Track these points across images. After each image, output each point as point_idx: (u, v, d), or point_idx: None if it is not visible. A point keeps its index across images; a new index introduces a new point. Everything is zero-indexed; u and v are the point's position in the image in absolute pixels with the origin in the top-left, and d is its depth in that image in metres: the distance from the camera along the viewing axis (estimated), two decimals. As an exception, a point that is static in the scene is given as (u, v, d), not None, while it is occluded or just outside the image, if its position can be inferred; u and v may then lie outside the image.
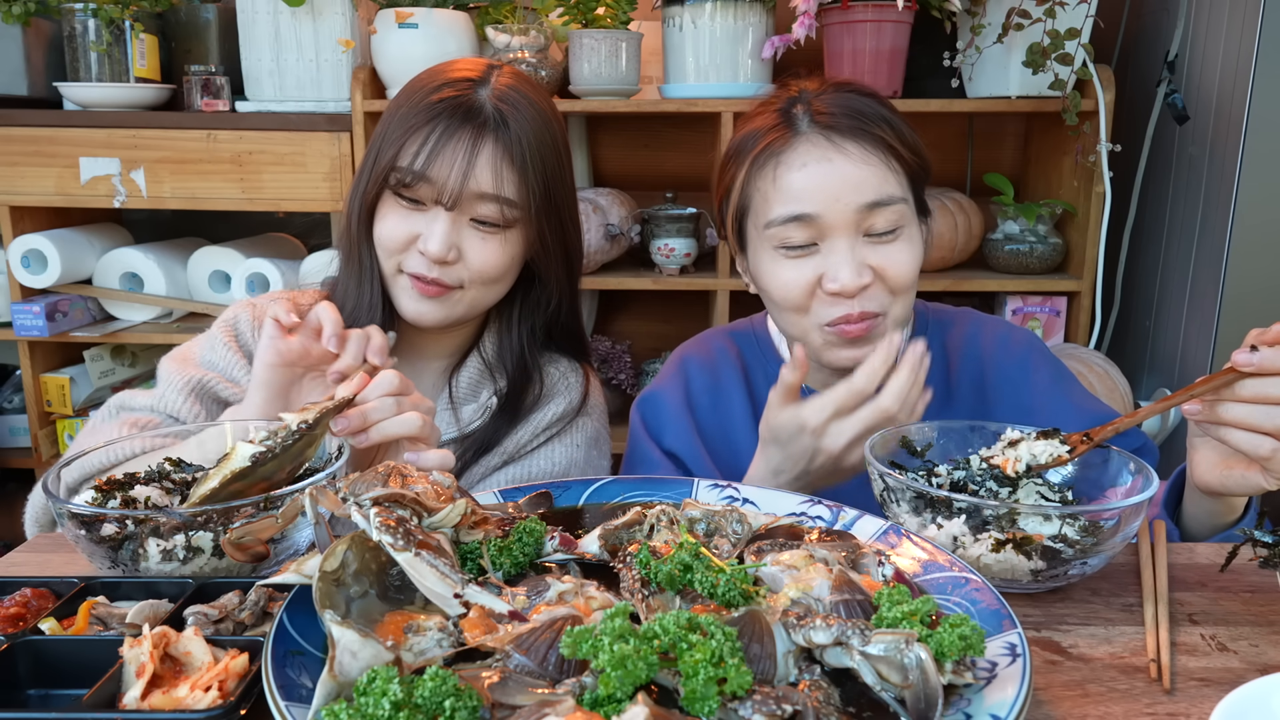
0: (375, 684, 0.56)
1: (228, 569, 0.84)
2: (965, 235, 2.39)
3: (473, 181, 1.13)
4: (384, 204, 1.18)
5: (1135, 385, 2.47)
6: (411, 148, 1.13)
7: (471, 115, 1.13)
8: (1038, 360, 1.25)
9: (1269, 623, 0.82)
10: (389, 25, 2.26)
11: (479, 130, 1.13)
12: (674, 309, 2.83)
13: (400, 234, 1.16)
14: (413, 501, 0.74)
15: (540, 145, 1.16)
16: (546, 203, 1.18)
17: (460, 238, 1.16)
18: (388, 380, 0.97)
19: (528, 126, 1.15)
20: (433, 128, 1.12)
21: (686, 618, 0.61)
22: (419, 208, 1.16)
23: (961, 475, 1.00)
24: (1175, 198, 2.35)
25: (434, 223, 1.14)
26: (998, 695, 0.62)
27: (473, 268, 1.17)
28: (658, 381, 1.34)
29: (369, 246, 1.20)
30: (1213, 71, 2.16)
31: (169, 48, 2.49)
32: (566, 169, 1.22)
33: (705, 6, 2.23)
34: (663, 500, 0.92)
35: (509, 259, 1.19)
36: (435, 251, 1.14)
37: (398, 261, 1.18)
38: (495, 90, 1.16)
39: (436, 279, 1.16)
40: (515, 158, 1.14)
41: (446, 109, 1.13)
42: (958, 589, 0.76)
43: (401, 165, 1.13)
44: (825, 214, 1.09)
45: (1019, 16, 2.09)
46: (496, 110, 1.14)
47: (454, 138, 1.12)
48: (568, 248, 1.25)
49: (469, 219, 1.16)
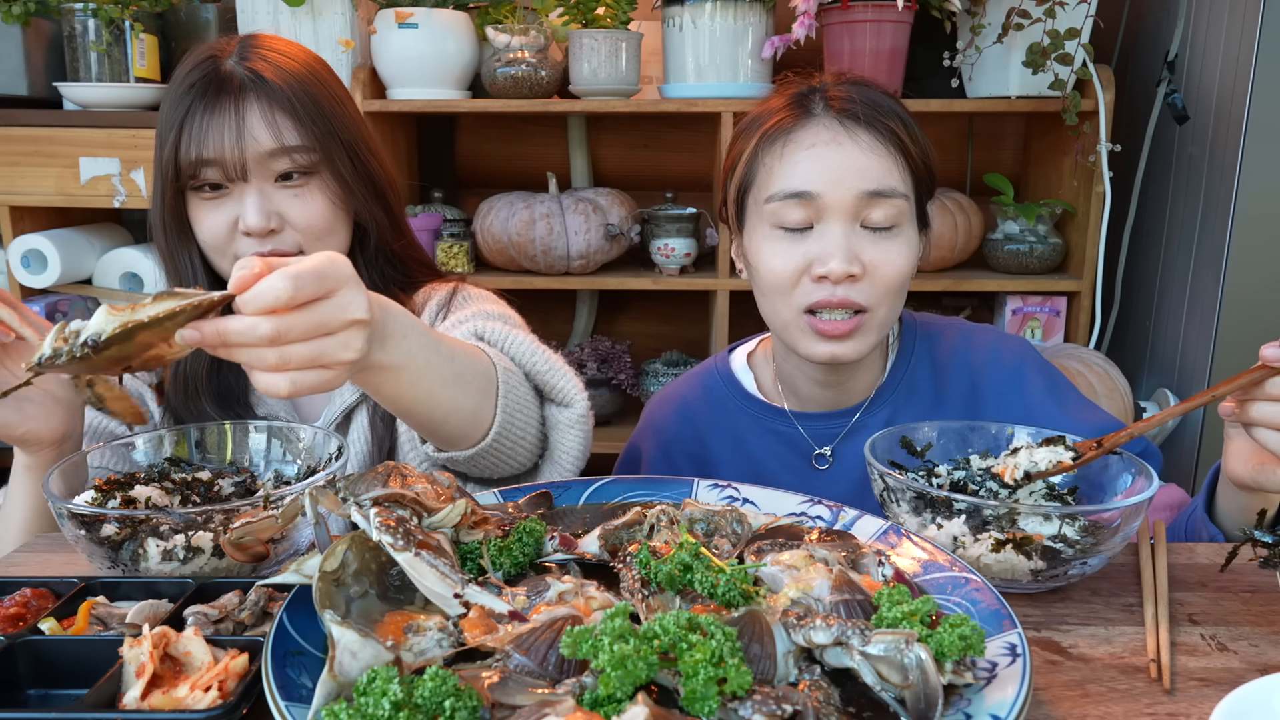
0: (375, 684, 0.56)
1: (228, 569, 0.84)
2: (965, 235, 2.39)
3: (251, 143, 1.12)
4: (191, 209, 1.17)
5: (1135, 385, 2.47)
6: (184, 140, 1.12)
7: (224, 84, 1.13)
8: (1030, 370, 1.22)
9: (1269, 623, 0.82)
10: (389, 25, 2.27)
11: (238, 95, 1.12)
12: (674, 309, 2.83)
13: (219, 227, 1.15)
14: (413, 501, 0.74)
15: (303, 84, 1.15)
16: (332, 138, 1.16)
17: (275, 204, 1.15)
18: (271, 293, 0.68)
19: (285, 73, 1.15)
20: (193, 112, 1.12)
21: (686, 618, 0.61)
22: (221, 194, 1.15)
23: (961, 475, 1.00)
24: (1175, 198, 2.35)
25: (243, 199, 1.14)
26: (998, 695, 0.62)
27: (299, 226, 1.16)
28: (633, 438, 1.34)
29: (187, 255, 1.19)
30: (1213, 71, 2.17)
31: (169, 48, 2.48)
32: (344, 102, 1.21)
33: (705, 6, 2.23)
34: (663, 500, 0.92)
35: (328, 206, 1.18)
36: (255, 223, 1.13)
37: (231, 255, 1.17)
38: (240, 55, 1.16)
39: (272, 250, 1.15)
40: (284, 104, 1.13)
41: (199, 89, 1.12)
42: (958, 589, 0.76)
43: (182, 161, 1.12)
44: (826, 195, 1.09)
45: (1019, 16, 2.09)
46: (248, 70, 1.14)
47: (216, 111, 1.12)
48: (374, 178, 1.22)
49: (272, 183, 1.15)
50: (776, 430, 1.26)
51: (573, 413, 1.06)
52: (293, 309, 0.69)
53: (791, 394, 1.26)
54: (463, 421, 0.94)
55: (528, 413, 1.01)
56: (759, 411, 1.27)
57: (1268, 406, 0.86)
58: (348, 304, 0.71)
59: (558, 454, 1.06)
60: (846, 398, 1.24)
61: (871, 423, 1.21)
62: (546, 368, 1.05)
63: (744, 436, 1.27)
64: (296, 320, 0.69)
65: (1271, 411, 0.86)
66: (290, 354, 0.69)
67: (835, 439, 1.24)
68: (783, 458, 1.25)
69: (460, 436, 0.96)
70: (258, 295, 0.68)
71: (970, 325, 1.30)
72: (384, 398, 0.86)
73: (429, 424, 0.92)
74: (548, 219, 2.33)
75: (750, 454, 1.26)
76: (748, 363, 1.32)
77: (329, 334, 0.71)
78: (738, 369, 1.32)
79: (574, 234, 2.34)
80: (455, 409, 0.92)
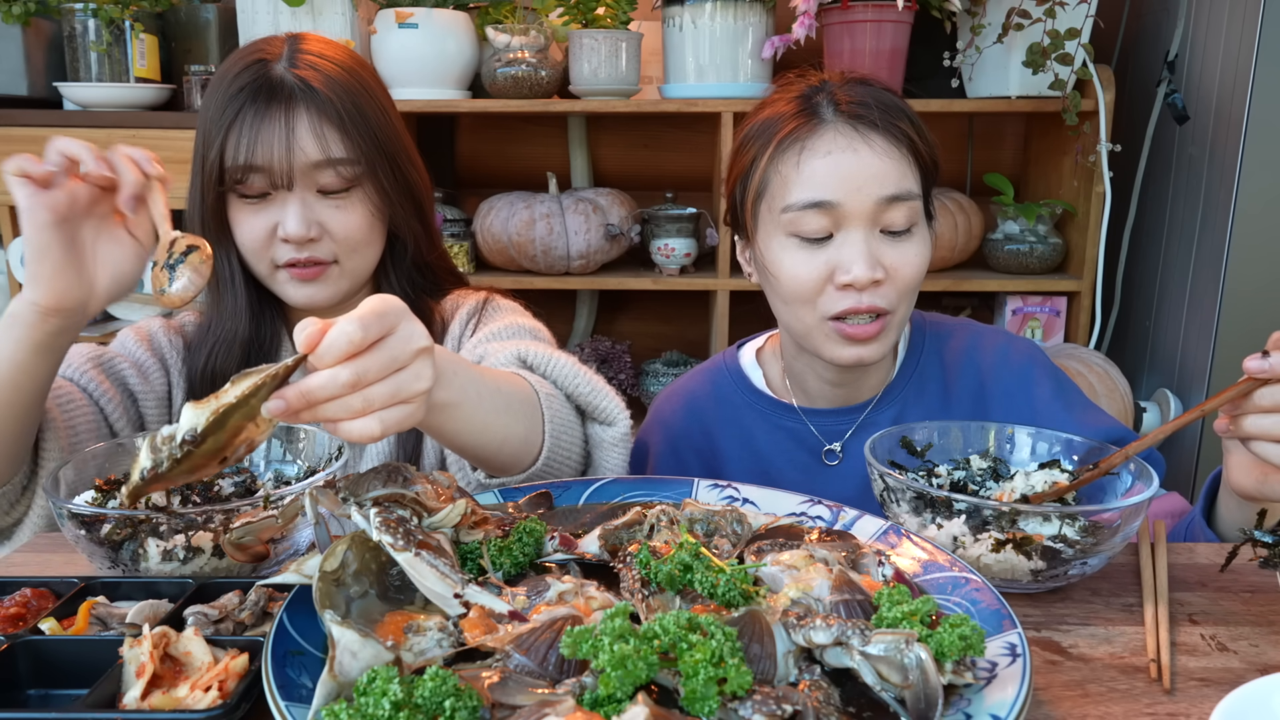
0: (375, 684, 0.56)
1: (228, 569, 0.84)
2: (965, 235, 2.39)
3: (299, 154, 1.12)
4: (231, 210, 1.17)
5: (1135, 385, 2.47)
6: (231, 144, 1.12)
7: (275, 92, 1.12)
8: (1039, 374, 1.22)
9: (1269, 623, 0.82)
10: (389, 25, 2.27)
11: (288, 103, 1.12)
12: (674, 309, 2.83)
13: (259, 232, 1.16)
14: (413, 501, 0.74)
15: (353, 96, 1.15)
16: (377, 151, 1.17)
17: (316, 213, 1.15)
18: (344, 338, 0.69)
19: (334, 83, 1.14)
20: (243, 118, 1.12)
21: (686, 618, 0.61)
22: (264, 200, 1.15)
23: (961, 475, 1.00)
24: (1175, 198, 2.35)
25: (285, 207, 1.14)
26: (998, 695, 0.62)
27: (338, 237, 1.17)
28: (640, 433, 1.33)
29: (224, 254, 1.19)
30: (1213, 71, 2.17)
31: (169, 48, 2.49)
32: (389, 112, 1.21)
33: (705, 6, 2.23)
34: (663, 500, 0.92)
35: (368, 218, 1.18)
36: (295, 232, 1.13)
37: (269, 259, 1.17)
38: (290, 60, 1.15)
39: (309, 258, 1.16)
40: (332, 117, 1.13)
41: (249, 94, 1.12)
42: (958, 589, 0.76)
43: (228, 165, 1.12)
44: (846, 203, 1.08)
45: (1019, 16, 2.09)
46: (297, 79, 1.13)
47: (266, 119, 1.12)
48: (413, 190, 1.23)
49: (315, 192, 1.15)
50: (785, 426, 1.26)
51: (616, 431, 1.08)
52: (364, 351, 0.70)
53: (801, 391, 1.26)
54: (516, 450, 0.96)
55: (572, 434, 1.04)
56: (768, 407, 1.27)
57: (1261, 419, 0.84)
58: (410, 335, 0.73)
59: (601, 471, 1.08)
60: (856, 394, 1.24)
61: (880, 419, 1.21)
62: (589, 389, 1.07)
63: (752, 432, 1.27)
64: (371, 360, 0.70)
65: (1266, 423, 0.84)
66: (373, 395, 0.71)
67: (844, 435, 1.24)
68: (791, 454, 1.25)
69: (513, 463, 0.98)
70: (332, 344, 0.69)
71: (979, 326, 1.30)
72: (446, 435, 0.88)
73: (485, 454, 0.94)
74: (548, 219, 2.33)
75: (758, 450, 1.26)
76: (756, 359, 1.32)
77: (402, 368, 0.73)
78: (746, 365, 1.32)
79: (574, 234, 2.34)
80: (509, 438, 0.94)
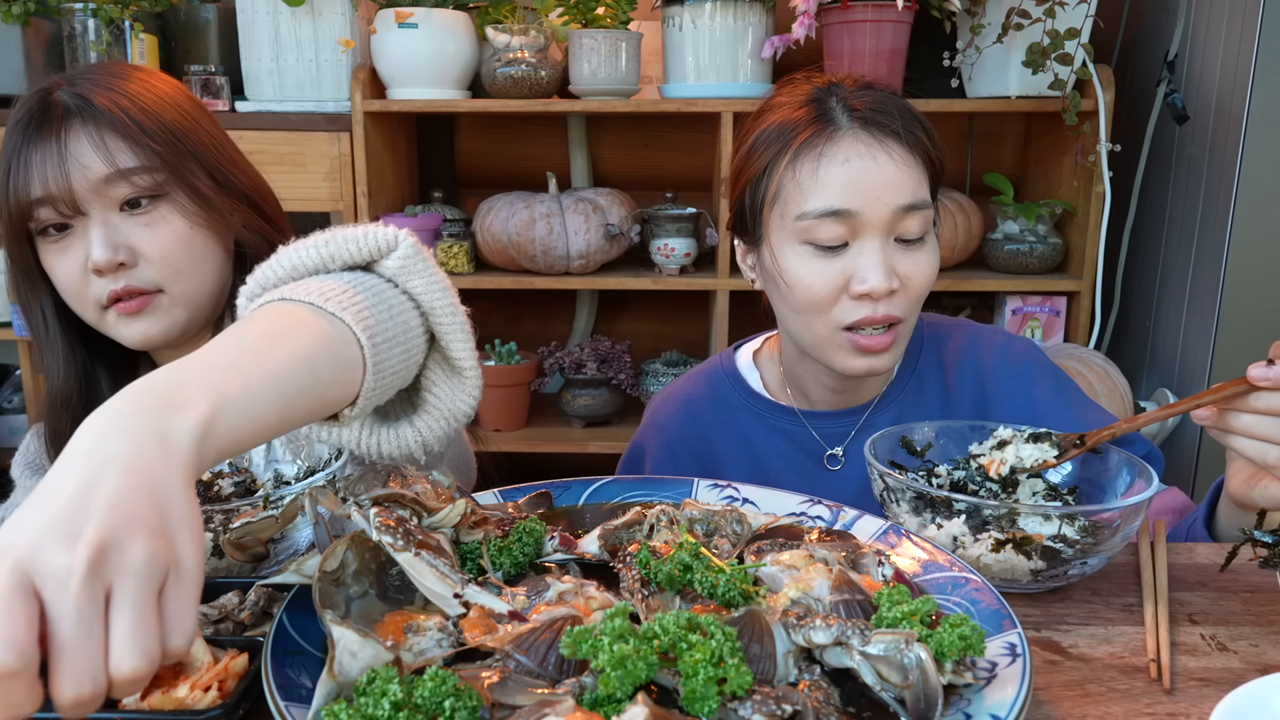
0: (375, 684, 0.56)
1: (228, 569, 0.83)
2: (965, 235, 2.39)
3: (78, 172, 1.03)
4: (43, 256, 1.08)
5: (1135, 385, 2.47)
6: (12, 182, 1.04)
7: (47, 115, 1.04)
8: (1039, 373, 1.22)
9: (1269, 623, 0.82)
10: (389, 25, 2.26)
11: (60, 124, 1.03)
12: (674, 309, 2.83)
13: (72, 272, 1.06)
14: (413, 501, 0.74)
15: (140, 102, 1.06)
16: (182, 155, 1.07)
17: (122, 235, 1.06)
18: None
19: (117, 94, 1.05)
20: (18, 149, 1.03)
21: (686, 618, 0.61)
22: (66, 235, 1.06)
23: (961, 475, 1.00)
24: (1175, 198, 2.35)
25: (87, 234, 1.05)
26: (998, 695, 0.62)
27: (154, 259, 1.07)
28: (636, 436, 1.32)
29: (39, 307, 1.12)
30: (1212, 71, 2.17)
31: (169, 48, 2.48)
32: (196, 117, 1.11)
33: (705, 6, 2.23)
34: (663, 500, 0.92)
35: (185, 231, 1.08)
36: (100, 257, 1.03)
37: (92, 300, 1.08)
38: (71, 82, 1.06)
39: (127, 287, 1.06)
40: (115, 126, 1.04)
41: (22, 124, 1.04)
42: (958, 589, 0.76)
43: (12, 204, 1.04)
44: (864, 212, 1.07)
45: (1019, 16, 2.09)
46: (74, 97, 1.04)
47: (37, 144, 1.03)
48: (243, 190, 1.12)
49: (117, 211, 1.06)
50: (783, 429, 1.25)
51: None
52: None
53: (800, 394, 1.26)
54: (330, 402, 0.71)
55: (399, 318, 0.78)
56: (765, 410, 1.27)
57: (1246, 417, 0.85)
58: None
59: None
60: (855, 398, 1.24)
61: (880, 422, 1.21)
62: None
63: (750, 435, 1.26)
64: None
65: (1250, 422, 0.85)
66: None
67: (843, 438, 1.23)
68: (789, 457, 1.25)
69: (335, 406, 0.72)
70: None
71: (978, 326, 1.30)
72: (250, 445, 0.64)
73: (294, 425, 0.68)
74: (547, 219, 2.33)
75: (757, 452, 1.26)
76: (754, 361, 1.32)
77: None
78: (743, 367, 1.31)
79: (574, 234, 2.34)
80: (312, 407, 0.69)
